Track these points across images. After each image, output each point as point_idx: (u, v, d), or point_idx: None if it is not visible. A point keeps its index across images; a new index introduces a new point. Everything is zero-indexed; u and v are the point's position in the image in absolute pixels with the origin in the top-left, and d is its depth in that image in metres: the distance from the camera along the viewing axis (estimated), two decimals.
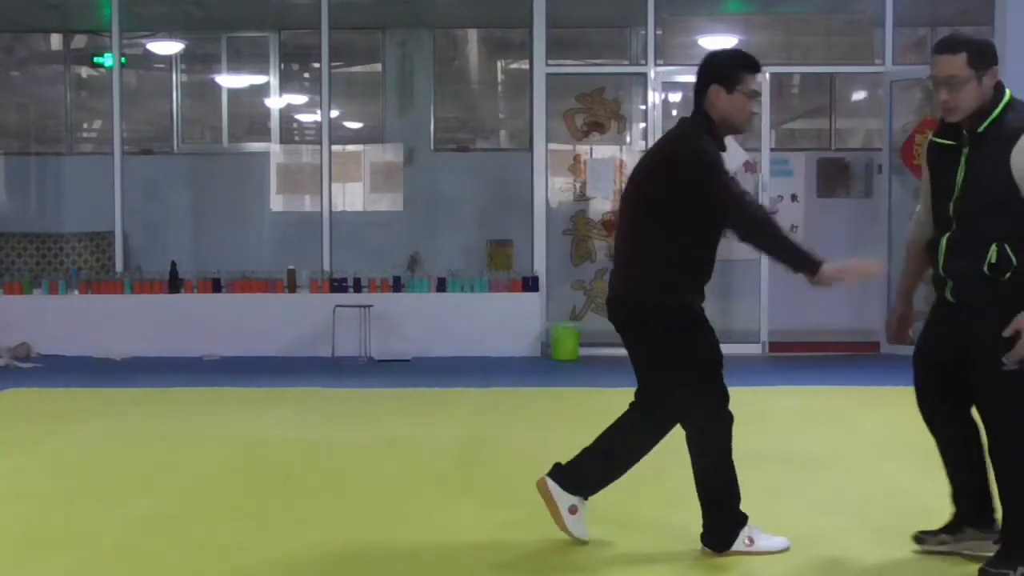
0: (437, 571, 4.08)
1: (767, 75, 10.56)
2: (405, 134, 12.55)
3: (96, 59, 12.02)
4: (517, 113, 13.02)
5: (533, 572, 4.05)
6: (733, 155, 10.97)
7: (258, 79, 12.97)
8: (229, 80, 13.00)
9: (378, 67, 13.18)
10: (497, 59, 13.72)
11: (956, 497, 4.08)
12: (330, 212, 11.11)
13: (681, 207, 3.96)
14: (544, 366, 9.85)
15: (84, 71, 13.37)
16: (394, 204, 12.15)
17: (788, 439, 6.33)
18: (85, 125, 13.68)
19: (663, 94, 10.74)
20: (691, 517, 4.17)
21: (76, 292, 10.69)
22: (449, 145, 13.01)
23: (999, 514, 3.92)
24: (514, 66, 13.48)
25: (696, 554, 4.13)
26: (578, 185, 10.93)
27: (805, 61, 10.98)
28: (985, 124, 3.75)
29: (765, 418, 7.22)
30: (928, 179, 4.03)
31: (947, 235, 3.84)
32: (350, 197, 12.01)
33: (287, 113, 13.14)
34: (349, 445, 6.30)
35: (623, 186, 11.07)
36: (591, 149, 10.96)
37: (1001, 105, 3.76)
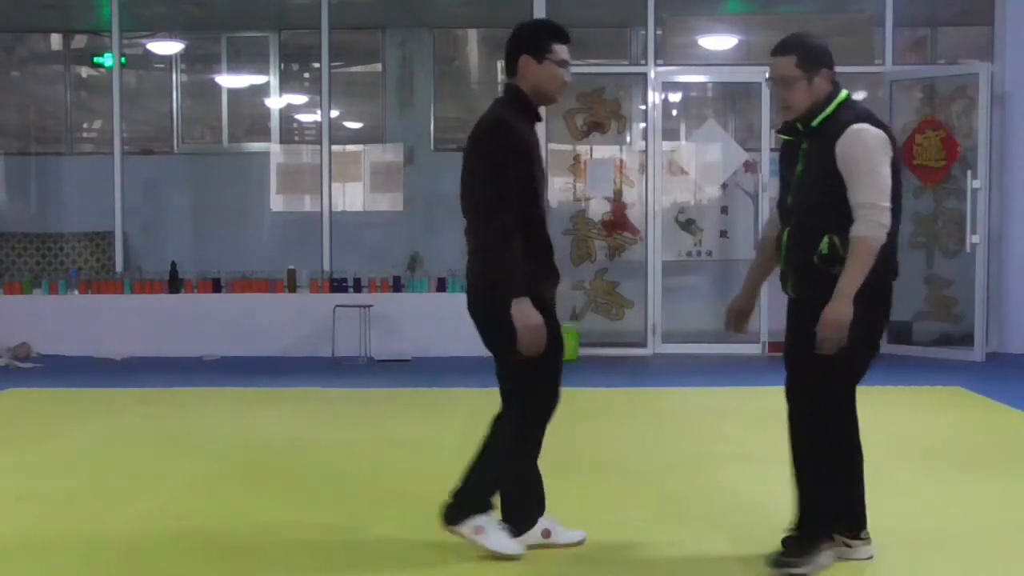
0: (436, 570, 4.08)
1: (767, 75, 10.55)
2: (405, 134, 12.55)
3: (96, 59, 12.03)
4: None
5: (533, 570, 4.05)
6: (733, 155, 11.01)
7: (258, 79, 12.97)
8: (229, 80, 13.00)
9: (378, 67, 13.18)
10: (497, 59, 13.69)
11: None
12: (330, 212, 11.12)
13: None
14: None
15: (84, 71, 13.37)
16: (394, 204, 12.14)
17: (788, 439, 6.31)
18: (85, 125, 13.67)
19: (663, 94, 10.72)
20: (685, 518, 4.17)
21: (76, 292, 10.69)
22: (449, 145, 12.99)
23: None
24: None
25: (688, 550, 4.13)
26: (578, 185, 10.92)
27: None
28: (818, 120, 3.90)
29: (765, 418, 7.20)
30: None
31: (788, 229, 3.95)
32: (350, 197, 12.01)
33: (287, 113, 13.14)
34: (349, 445, 6.30)
35: (622, 185, 11.17)
36: (591, 149, 10.96)
37: (835, 103, 3.92)
